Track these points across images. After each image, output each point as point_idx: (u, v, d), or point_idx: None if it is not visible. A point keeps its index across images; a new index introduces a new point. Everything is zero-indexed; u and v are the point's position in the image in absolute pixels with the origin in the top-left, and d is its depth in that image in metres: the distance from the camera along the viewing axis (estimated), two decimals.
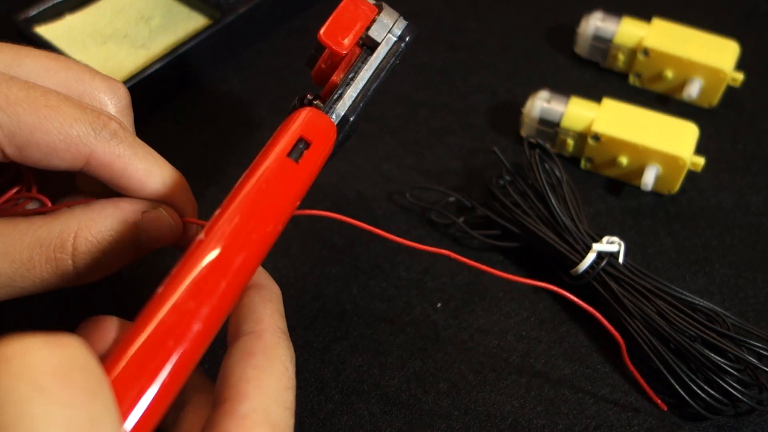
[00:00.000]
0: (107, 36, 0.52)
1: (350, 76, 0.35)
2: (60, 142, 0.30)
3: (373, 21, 0.36)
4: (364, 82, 0.35)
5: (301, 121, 0.33)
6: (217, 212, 0.29)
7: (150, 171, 0.32)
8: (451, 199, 0.47)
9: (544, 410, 0.39)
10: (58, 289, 0.32)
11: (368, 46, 0.36)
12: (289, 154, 0.31)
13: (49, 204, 0.33)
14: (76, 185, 0.34)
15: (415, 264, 0.44)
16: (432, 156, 0.50)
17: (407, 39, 0.36)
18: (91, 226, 0.31)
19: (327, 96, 0.35)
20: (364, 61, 0.36)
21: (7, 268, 0.30)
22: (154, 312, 0.26)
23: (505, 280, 0.44)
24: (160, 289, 0.27)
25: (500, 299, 0.43)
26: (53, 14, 0.52)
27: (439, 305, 0.43)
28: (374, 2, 0.37)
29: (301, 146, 0.32)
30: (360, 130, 0.51)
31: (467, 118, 0.52)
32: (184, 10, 0.54)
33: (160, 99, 0.51)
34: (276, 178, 0.30)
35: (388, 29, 0.36)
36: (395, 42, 0.36)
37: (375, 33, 0.36)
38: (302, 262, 0.44)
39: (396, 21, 0.36)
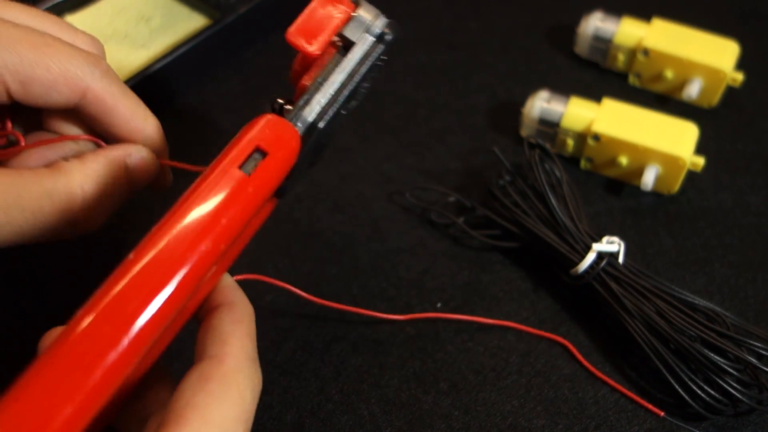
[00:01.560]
0: (107, 36, 0.52)
1: (319, 80, 0.33)
2: (60, 77, 0.32)
3: (349, 19, 0.33)
4: (335, 87, 0.32)
5: (258, 129, 0.30)
6: (152, 229, 0.27)
7: (134, 111, 0.34)
8: (451, 199, 0.47)
9: (544, 410, 0.39)
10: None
11: (343, 46, 0.33)
12: (241, 166, 0.29)
13: (23, 142, 0.34)
14: (42, 126, 0.36)
15: (415, 264, 0.44)
16: (432, 156, 0.50)
17: (388, 38, 0.34)
18: (93, 176, 0.33)
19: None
20: (337, 63, 0.33)
21: (17, 216, 0.31)
22: (64, 339, 0.24)
23: (505, 280, 0.44)
24: (78, 311, 0.25)
25: (500, 299, 0.43)
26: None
27: (439, 305, 0.43)
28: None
29: (256, 156, 0.29)
30: (360, 130, 0.51)
31: (467, 118, 0.52)
32: (184, 10, 0.54)
33: (160, 99, 0.51)
34: (221, 193, 0.28)
35: (364, 28, 0.33)
36: (373, 42, 0.33)
37: (350, 32, 0.33)
38: (302, 262, 0.44)
39: (375, 19, 0.33)
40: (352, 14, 0.33)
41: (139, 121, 0.34)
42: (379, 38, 0.34)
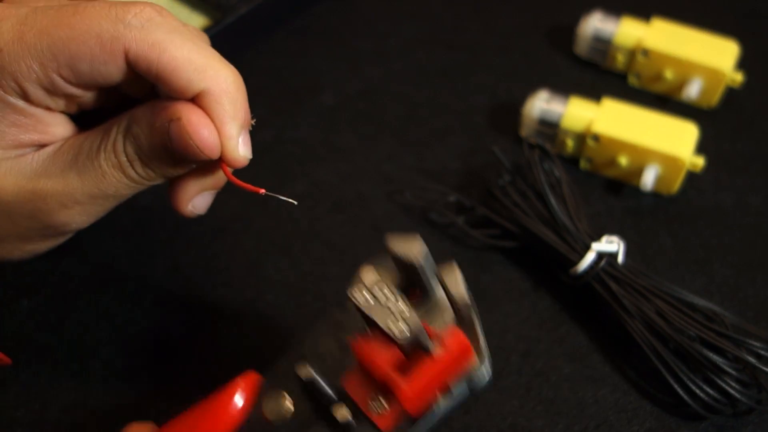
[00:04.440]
0: None
1: None
2: (94, 45, 0.28)
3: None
4: None
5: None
6: None
7: (189, 61, 0.29)
8: (451, 198, 0.47)
9: (544, 410, 0.39)
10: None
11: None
12: None
13: None
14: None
15: None
16: (432, 156, 0.50)
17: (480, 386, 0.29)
18: (132, 129, 0.30)
19: None
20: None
21: (88, 179, 0.31)
22: None
23: (505, 280, 0.44)
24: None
25: (500, 299, 0.43)
26: None
27: None
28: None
29: None
30: (360, 130, 0.51)
31: (467, 118, 0.52)
32: (185, 11, 0.54)
33: None
34: None
35: (469, 381, 0.29)
36: (464, 396, 0.29)
37: (451, 384, 0.28)
38: (302, 262, 0.44)
39: (483, 371, 0.29)
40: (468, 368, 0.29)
41: (196, 73, 0.29)
42: (472, 391, 0.30)
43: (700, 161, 0.47)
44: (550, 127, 0.49)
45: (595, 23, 0.54)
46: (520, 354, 0.41)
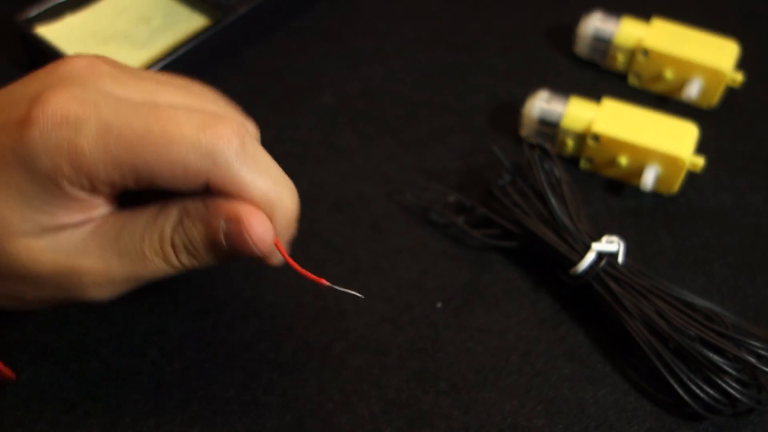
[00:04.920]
0: (108, 37, 0.52)
1: None
2: (179, 172, 0.30)
3: None
4: None
5: None
6: None
7: (265, 195, 0.32)
8: (451, 198, 0.47)
9: (544, 410, 0.39)
10: None
11: None
12: None
13: None
14: None
15: (415, 264, 0.44)
16: (432, 156, 0.50)
17: None
18: (184, 223, 0.32)
19: None
20: None
21: (128, 263, 0.32)
22: None
23: (505, 280, 0.44)
24: None
25: (500, 299, 0.43)
26: (54, 15, 0.52)
27: (439, 305, 0.43)
28: None
29: None
30: (360, 130, 0.51)
31: (467, 118, 0.52)
32: (185, 11, 0.54)
33: None
34: None
35: None
36: None
37: None
38: (302, 262, 0.44)
39: None
40: None
41: (269, 205, 0.32)
42: None
43: (700, 161, 0.47)
44: (550, 127, 0.49)
45: (595, 23, 0.54)
46: (520, 354, 0.41)
